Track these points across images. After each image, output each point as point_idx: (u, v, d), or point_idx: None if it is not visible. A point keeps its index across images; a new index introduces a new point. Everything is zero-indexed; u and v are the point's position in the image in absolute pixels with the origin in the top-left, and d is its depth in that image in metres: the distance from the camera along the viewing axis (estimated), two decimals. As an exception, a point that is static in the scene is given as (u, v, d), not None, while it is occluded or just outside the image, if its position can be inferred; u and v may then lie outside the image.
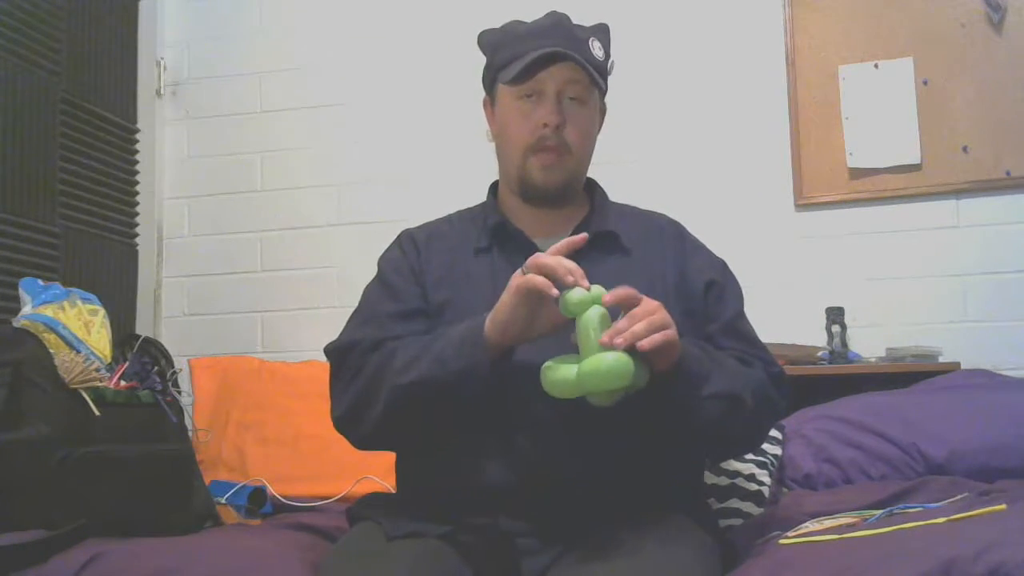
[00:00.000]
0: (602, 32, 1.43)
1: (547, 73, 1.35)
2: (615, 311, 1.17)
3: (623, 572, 1.11)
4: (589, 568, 1.13)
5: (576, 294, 1.14)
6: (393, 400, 1.25)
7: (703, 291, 1.40)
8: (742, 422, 1.28)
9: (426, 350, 1.25)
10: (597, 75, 1.36)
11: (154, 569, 1.27)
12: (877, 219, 2.44)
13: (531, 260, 1.18)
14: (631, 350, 1.11)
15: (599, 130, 1.46)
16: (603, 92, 1.43)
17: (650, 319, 1.12)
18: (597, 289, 1.15)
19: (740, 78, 2.56)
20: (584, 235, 1.23)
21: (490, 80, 1.45)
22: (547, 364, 1.16)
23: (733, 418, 1.25)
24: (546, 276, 1.15)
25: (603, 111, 1.47)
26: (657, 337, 1.11)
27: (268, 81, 2.87)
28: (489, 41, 1.45)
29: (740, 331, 1.40)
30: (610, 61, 1.43)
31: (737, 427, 1.29)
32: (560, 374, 1.14)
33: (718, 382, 1.23)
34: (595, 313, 1.13)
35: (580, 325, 1.13)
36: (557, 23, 1.39)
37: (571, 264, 1.16)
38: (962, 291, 2.37)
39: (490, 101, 1.47)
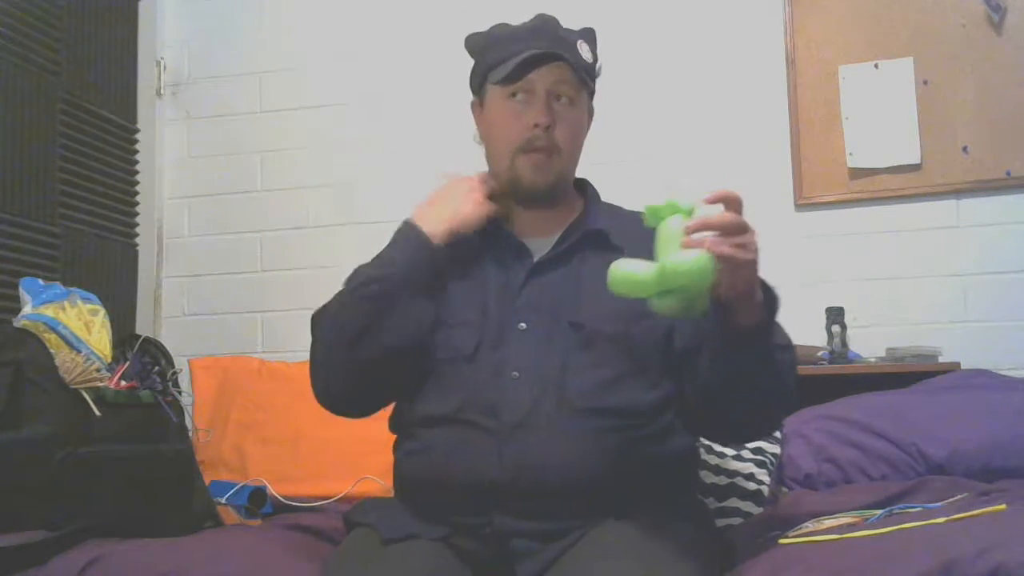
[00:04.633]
0: (589, 36, 1.44)
1: (537, 74, 1.36)
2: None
3: (619, 572, 1.11)
4: (585, 568, 1.13)
5: (659, 201, 1.11)
6: (348, 313, 1.34)
7: None
8: (791, 377, 1.27)
9: (369, 263, 1.37)
10: (586, 76, 1.37)
11: (155, 572, 1.27)
12: (877, 219, 2.44)
13: None
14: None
15: (587, 132, 1.47)
16: (591, 94, 1.44)
17: (738, 237, 1.08)
18: (685, 199, 1.12)
19: (740, 78, 2.56)
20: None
21: (478, 82, 1.46)
22: (618, 261, 1.12)
23: (789, 371, 1.26)
24: None
25: (591, 113, 1.48)
26: (739, 252, 1.06)
27: (268, 81, 2.87)
28: (476, 44, 1.47)
29: None
30: (598, 64, 1.44)
31: (788, 380, 1.27)
32: (633, 267, 1.10)
33: (781, 331, 1.24)
34: (678, 223, 1.09)
35: (661, 231, 1.10)
36: (544, 25, 1.40)
37: None
38: (962, 291, 2.37)
39: (479, 103, 1.48)
